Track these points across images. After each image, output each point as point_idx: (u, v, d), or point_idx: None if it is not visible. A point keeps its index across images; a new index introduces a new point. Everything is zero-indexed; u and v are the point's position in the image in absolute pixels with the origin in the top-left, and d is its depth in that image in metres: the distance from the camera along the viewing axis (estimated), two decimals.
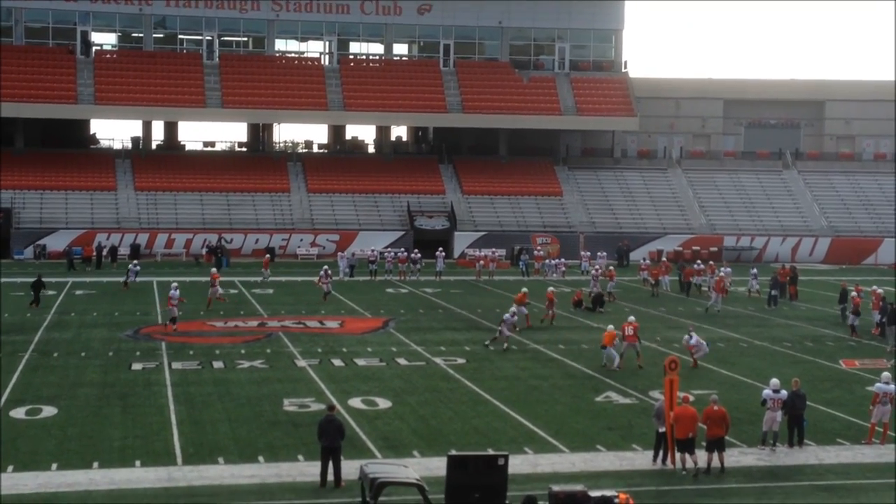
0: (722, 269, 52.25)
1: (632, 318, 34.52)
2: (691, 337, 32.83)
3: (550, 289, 43.59)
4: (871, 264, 70.09)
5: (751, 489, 21.04)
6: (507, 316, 36.57)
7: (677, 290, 52.57)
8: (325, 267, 50.47)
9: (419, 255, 59.40)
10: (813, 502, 20.31)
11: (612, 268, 53.05)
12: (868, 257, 71.07)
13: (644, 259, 61.07)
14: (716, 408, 22.08)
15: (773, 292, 46.86)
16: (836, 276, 58.79)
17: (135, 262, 56.92)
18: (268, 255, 58.92)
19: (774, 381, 24.32)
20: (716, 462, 21.90)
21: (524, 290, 42.72)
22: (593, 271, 51.52)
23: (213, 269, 50.13)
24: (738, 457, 22.94)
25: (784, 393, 23.70)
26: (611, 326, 33.74)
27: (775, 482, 21.57)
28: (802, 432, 24.04)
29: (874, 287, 43.70)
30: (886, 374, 25.22)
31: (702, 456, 21.88)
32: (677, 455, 21.98)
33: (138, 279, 52.86)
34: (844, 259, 70.18)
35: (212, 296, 45.57)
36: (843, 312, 42.55)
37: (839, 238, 72.09)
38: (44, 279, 46.96)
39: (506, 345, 35.69)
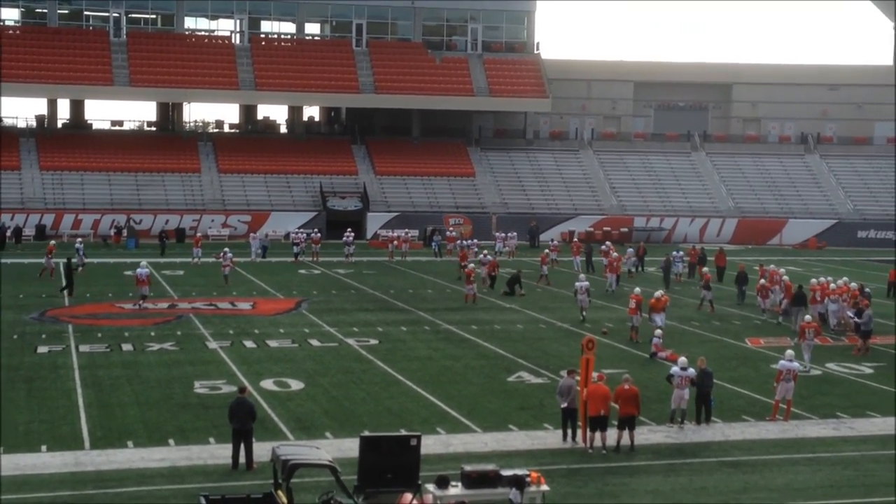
0: (628, 249, 52.86)
1: (637, 289, 36.24)
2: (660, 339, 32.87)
3: (471, 265, 43.95)
4: (777, 244, 71.58)
5: (659, 466, 21.40)
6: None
7: (586, 271, 53.06)
8: (226, 249, 49.42)
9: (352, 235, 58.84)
10: (719, 478, 20.74)
11: (547, 251, 53.04)
12: (773, 238, 72.58)
13: (552, 240, 61.46)
14: (627, 387, 22.40)
15: (744, 288, 44.14)
16: (743, 256, 59.95)
17: (79, 239, 55.16)
18: (199, 234, 58.37)
19: (682, 358, 24.76)
20: (626, 440, 22.23)
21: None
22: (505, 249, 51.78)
23: (52, 242, 50.61)
24: (647, 434, 23.30)
25: (692, 371, 24.12)
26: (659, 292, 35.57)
27: (683, 459, 21.97)
28: (710, 410, 24.52)
29: (772, 266, 44.59)
30: (790, 352, 25.82)
31: (612, 434, 22.19)
32: (588, 433, 22.27)
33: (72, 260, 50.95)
34: (750, 239, 71.58)
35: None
36: (742, 292, 43.32)
37: (745, 219, 73.49)
38: None
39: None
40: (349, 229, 60.05)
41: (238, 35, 78.15)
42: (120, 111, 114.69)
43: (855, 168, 79.71)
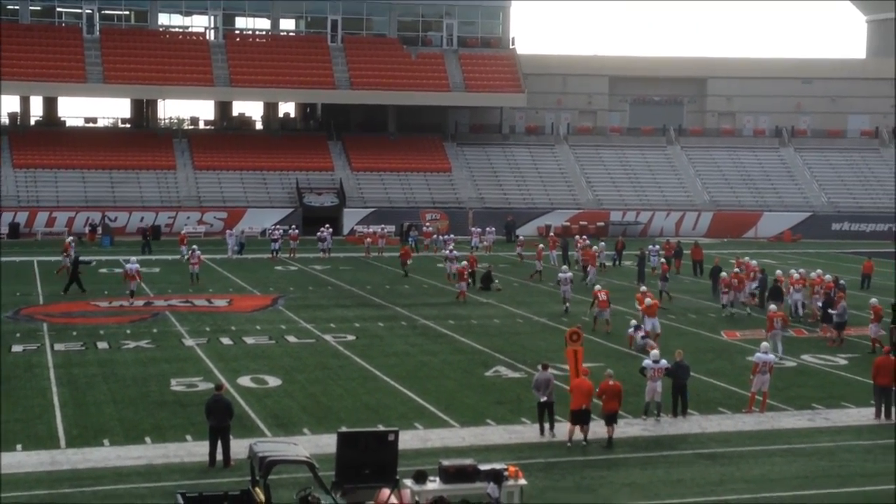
0: (600, 243, 53.04)
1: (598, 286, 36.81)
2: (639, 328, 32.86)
3: (464, 263, 43.89)
4: (752, 237, 71.90)
5: (636, 459, 21.47)
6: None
7: (563, 264, 53.12)
8: (195, 246, 48.63)
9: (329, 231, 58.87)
10: (696, 470, 20.83)
11: (542, 246, 52.97)
12: (748, 231, 72.89)
13: (518, 236, 61.56)
14: (611, 382, 22.47)
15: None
16: (719, 249, 60.20)
17: (69, 238, 54.66)
18: (183, 232, 58.11)
19: (654, 351, 24.88)
20: (592, 435, 22.27)
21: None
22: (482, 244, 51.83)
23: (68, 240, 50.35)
24: (624, 427, 23.38)
25: (664, 362, 24.24)
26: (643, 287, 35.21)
27: (660, 451, 22.06)
28: (686, 402, 24.63)
29: (746, 258, 44.79)
30: (765, 345, 25.98)
31: (603, 430, 22.24)
32: (567, 426, 22.32)
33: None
34: (726, 233, 71.87)
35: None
36: (717, 286, 43.49)
37: (721, 212, 73.75)
38: None
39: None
40: (327, 225, 59.95)
41: (212, 31, 77.78)
42: (94, 108, 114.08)
43: (829, 161, 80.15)
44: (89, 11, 75.20)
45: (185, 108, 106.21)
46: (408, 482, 17.04)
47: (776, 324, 31.00)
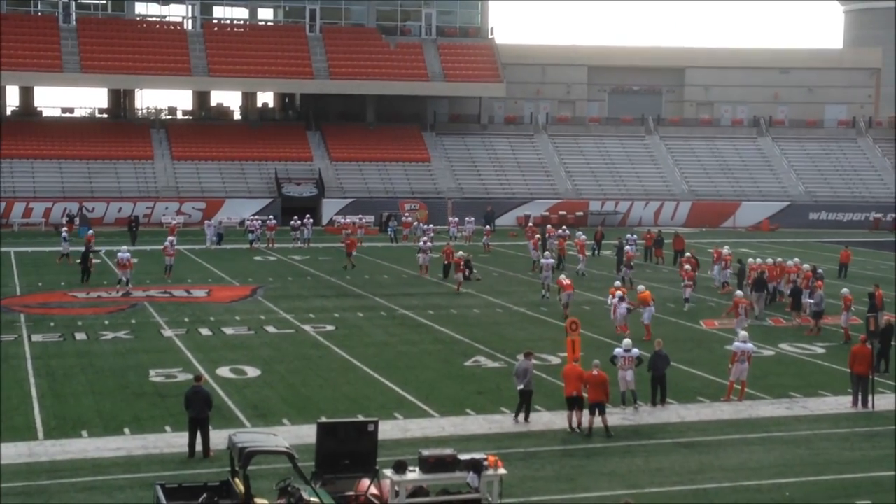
0: (577, 232, 53.12)
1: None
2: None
3: (460, 253, 43.68)
4: (730, 227, 72.18)
5: (616, 448, 21.54)
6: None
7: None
8: (172, 239, 48.13)
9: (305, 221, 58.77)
10: (675, 459, 20.91)
11: (538, 236, 52.68)
12: (727, 220, 73.17)
13: (487, 226, 61.70)
14: (596, 372, 22.55)
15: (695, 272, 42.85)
16: (697, 238, 60.37)
17: (64, 229, 54.34)
18: (173, 222, 57.87)
19: (626, 340, 24.98)
20: (586, 422, 22.36)
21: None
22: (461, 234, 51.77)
23: (90, 232, 49.65)
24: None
25: (636, 351, 24.36)
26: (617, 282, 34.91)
27: (639, 441, 22.13)
28: (665, 391, 24.72)
29: (725, 248, 44.90)
30: (744, 334, 26.09)
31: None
32: (566, 414, 22.56)
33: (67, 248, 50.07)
34: (704, 222, 72.11)
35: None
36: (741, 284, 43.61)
37: (699, 202, 73.98)
38: None
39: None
40: (307, 215, 59.80)
41: (190, 21, 77.41)
42: (70, 98, 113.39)
43: (806, 150, 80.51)
44: (65, 0, 74.68)
45: (163, 98, 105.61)
46: (388, 472, 17.03)
47: (740, 310, 31.50)
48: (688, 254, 42.36)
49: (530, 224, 61.28)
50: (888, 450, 21.63)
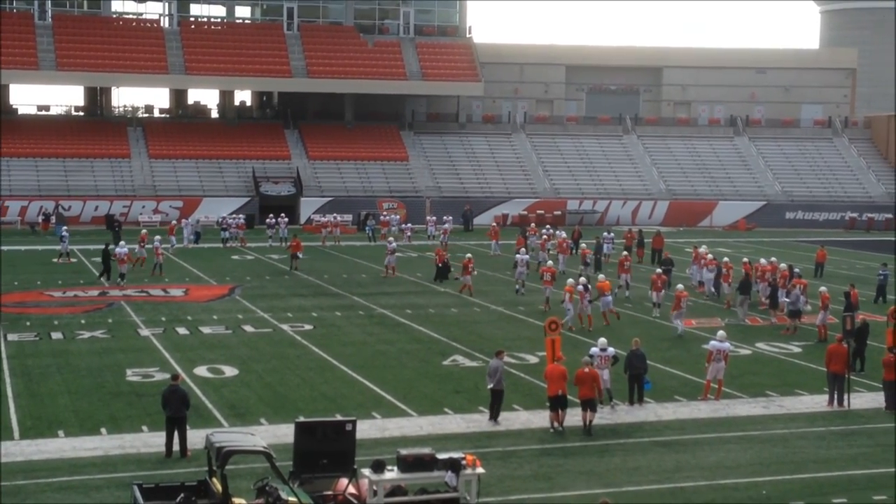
0: (558, 231, 53.21)
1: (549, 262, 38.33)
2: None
3: (468, 255, 43.08)
4: (707, 226, 72.47)
5: (593, 447, 21.60)
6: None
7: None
8: (158, 237, 47.99)
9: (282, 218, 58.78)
10: (652, 458, 20.98)
11: (545, 238, 52.39)
12: (704, 219, 73.46)
13: (446, 219, 61.71)
14: (587, 370, 22.60)
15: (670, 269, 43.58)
16: (675, 238, 60.56)
17: (63, 228, 53.81)
18: (173, 222, 58.06)
19: (601, 339, 25.07)
20: (578, 421, 22.42)
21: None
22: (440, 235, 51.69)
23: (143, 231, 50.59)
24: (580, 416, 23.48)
25: (611, 350, 24.44)
26: (570, 280, 34.86)
27: (616, 440, 22.20)
28: (643, 390, 24.80)
29: (703, 248, 45.04)
30: (721, 333, 26.21)
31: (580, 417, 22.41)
32: (550, 413, 22.59)
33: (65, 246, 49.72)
34: (681, 221, 72.36)
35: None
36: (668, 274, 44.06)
37: (676, 201, 74.24)
38: None
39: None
40: (282, 214, 59.73)
41: (167, 18, 77.08)
42: (46, 96, 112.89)
43: (783, 150, 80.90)
44: None
45: (140, 96, 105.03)
46: (366, 471, 17.04)
47: (682, 303, 32.60)
48: (658, 270, 41.74)
49: (508, 223, 61.36)
50: (864, 448, 21.79)
